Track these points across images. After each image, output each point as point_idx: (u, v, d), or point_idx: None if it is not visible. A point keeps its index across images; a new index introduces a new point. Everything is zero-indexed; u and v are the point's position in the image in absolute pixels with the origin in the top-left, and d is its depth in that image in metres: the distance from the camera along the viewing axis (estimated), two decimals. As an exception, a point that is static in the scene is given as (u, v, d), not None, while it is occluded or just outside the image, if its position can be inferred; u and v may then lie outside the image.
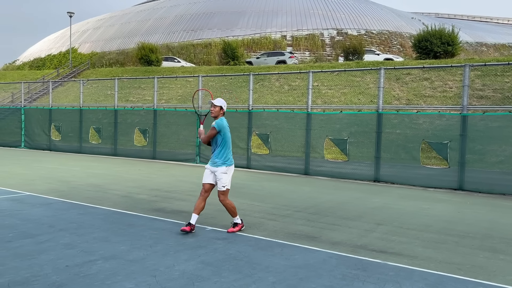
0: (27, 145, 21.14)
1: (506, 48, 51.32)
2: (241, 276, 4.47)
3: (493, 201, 9.89)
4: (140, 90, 29.05)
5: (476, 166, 11.29)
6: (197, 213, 6.09)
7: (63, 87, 33.95)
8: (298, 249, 5.50)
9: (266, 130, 14.43)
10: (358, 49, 31.69)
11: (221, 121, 6.19)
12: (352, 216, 7.58)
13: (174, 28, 45.91)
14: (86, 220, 6.71)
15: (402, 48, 42.54)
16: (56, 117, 20.24)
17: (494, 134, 11.10)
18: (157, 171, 13.58)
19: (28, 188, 9.50)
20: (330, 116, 13.75)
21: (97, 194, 9.00)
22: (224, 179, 6.13)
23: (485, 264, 5.13)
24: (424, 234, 6.41)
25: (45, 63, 49.69)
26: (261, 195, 9.53)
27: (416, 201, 9.38)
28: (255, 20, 44.36)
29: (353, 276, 4.55)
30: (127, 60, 42.15)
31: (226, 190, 6.15)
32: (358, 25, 44.27)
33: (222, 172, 6.13)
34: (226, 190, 6.16)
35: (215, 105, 6.24)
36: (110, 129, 18.46)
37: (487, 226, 7.17)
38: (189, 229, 6.01)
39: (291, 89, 24.65)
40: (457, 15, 68.40)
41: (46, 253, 5.02)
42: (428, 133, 12.05)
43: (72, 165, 14.43)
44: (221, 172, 6.12)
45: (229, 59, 35.11)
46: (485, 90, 20.37)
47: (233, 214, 6.27)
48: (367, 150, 12.79)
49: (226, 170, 6.16)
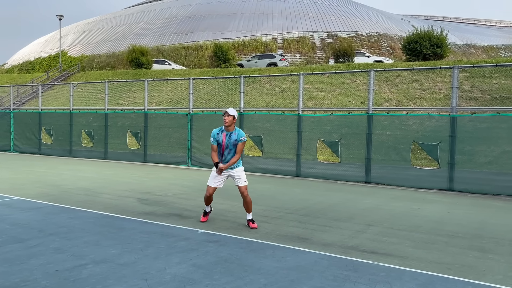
0: (17, 149, 20.95)
1: (494, 50, 51.93)
2: (232, 278, 4.47)
3: (483, 201, 9.98)
4: (131, 93, 28.93)
5: (465, 167, 11.39)
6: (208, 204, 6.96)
7: (52, 91, 33.70)
8: (290, 250, 5.51)
9: (257, 132, 14.43)
10: (348, 51, 31.88)
11: (242, 132, 6.67)
12: (343, 217, 7.61)
13: (164, 31, 45.82)
14: (76, 224, 6.66)
15: (392, 50, 42.86)
16: (46, 120, 20.08)
17: (482, 135, 11.21)
18: (148, 174, 13.52)
19: (18, 192, 9.41)
20: (321, 118, 13.80)
21: (88, 198, 8.94)
22: (244, 176, 6.79)
23: (475, 263, 5.18)
24: (414, 235, 6.46)
25: (35, 66, 49.29)
26: (253, 198, 9.45)
27: (406, 202, 9.44)
28: (246, 22, 44.43)
29: (344, 277, 4.57)
30: (118, 63, 41.97)
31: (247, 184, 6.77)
32: (348, 27, 44.53)
33: (242, 170, 6.79)
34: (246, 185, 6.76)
35: (230, 114, 6.47)
36: (101, 132, 18.36)
37: (476, 226, 7.24)
38: (206, 218, 6.96)
39: (282, 91, 24.71)
40: (445, 17, 69.11)
41: (36, 257, 4.98)
42: (418, 134, 12.14)
43: (62, 169, 14.32)
44: (241, 171, 6.75)
45: (220, 61, 35.09)
46: (474, 91, 20.58)
47: (250, 210, 6.75)
48: (357, 151, 12.85)
49: (242, 169, 6.86)
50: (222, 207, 8.23)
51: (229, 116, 6.41)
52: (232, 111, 6.48)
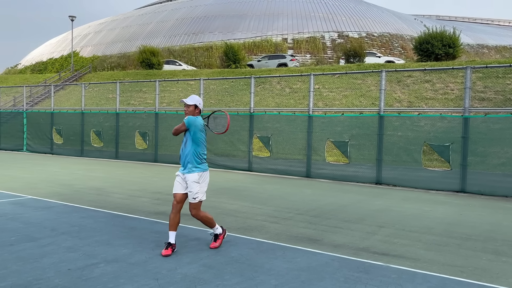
0: (29, 149, 21.18)
1: (508, 50, 51.29)
2: (243, 279, 4.46)
3: (495, 203, 9.86)
4: (142, 93, 29.09)
5: (478, 168, 11.27)
6: (175, 230, 5.28)
7: (64, 91, 34.03)
8: (300, 252, 5.49)
9: (267, 133, 14.43)
10: (359, 52, 31.75)
11: (193, 118, 5.25)
12: (354, 218, 7.57)
13: (175, 32, 46.02)
14: (88, 223, 6.71)
15: (403, 51, 42.56)
16: (58, 120, 20.28)
17: (495, 136, 11.08)
18: (159, 174, 13.58)
19: (31, 191, 9.51)
20: (331, 119, 13.75)
21: (99, 198, 9.01)
22: (195, 189, 5.23)
23: (488, 266, 5.12)
24: (426, 237, 6.40)
25: (47, 67, 49.83)
26: (263, 198, 9.52)
27: (418, 204, 9.36)
28: (256, 23, 44.45)
29: (356, 278, 4.55)
30: (129, 64, 42.25)
31: (197, 203, 5.29)
32: (359, 27, 44.32)
33: (196, 179, 5.24)
34: (198, 203, 5.30)
35: (188, 104, 5.32)
36: (111, 132, 18.49)
37: (489, 228, 7.16)
38: (170, 251, 5.17)
39: (292, 91, 24.67)
40: (458, 17, 68.45)
41: (49, 256, 5.02)
42: (429, 135, 12.04)
43: (74, 169, 14.45)
44: (192, 181, 5.23)
45: (231, 62, 35.16)
46: (487, 92, 20.36)
47: (211, 225, 5.46)
48: (368, 152, 12.78)
49: (198, 178, 5.26)
50: (232, 207, 8.23)
51: (189, 106, 5.31)
52: (190, 99, 5.35)
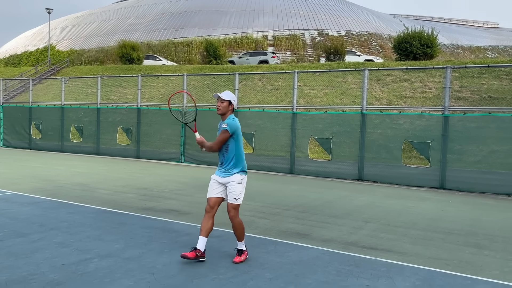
0: (6, 144, 20.72)
1: (481, 51, 52.64)
2: (238, 273, 4.54)
3: (474, 199, 10.19)
4: (121, 88, 28.74)
5: (456, 166, 11.61)
6: (205, 235, 4.84)
7: (41, 85, 33.31)
8: (291, 246, 5.60)
9: (250, 129, 14.50)
10: (339, 50, 32.06)
11: (233, 121, 4.89)
12: (340, 214, 7.73)
13: (155, 26, 45.54)
14: (76, 219, 6.67)
15: (381, 49, 43.18)
16: (36, 115, 19.88)
17: (472, 135, 11.44)
18: (142, 170, 13.51)
19: (13, 187, 9.35)
20: (314, 116, 13.92)
21: (85, 193, 8.93)
22: (238, 189, 4.95)
23: (471, 259, 5.33)
24: (411, 231, 6.60)
25: (22, 60, 48.62)
26: (250, 194, 9.56)
27: (400, 200, 9.61)
28: (236, 19, 44.37)
29: (347, 272, 4.68)
30: (107, 58, 41.60)
31: (238, 204, 4.97)
32: (338, 26, 44.73)
33: (238, 181, 4.97)
34: (238, 205, 4.98)
35: (223, 99, 4.91)
36: (91, 127, 18.25)
37: (470, 223, 7.42)
38: (193, 255, 4.74)
39: (274, 88, 24.79)
40: (434, 17, 69.68)
41: (41, 252, 4.99)
42: (408, 133, 12.32)
43: (55, 164, 14.23)
44: (235, 182, 4.95)
45: (211, 58, 35.03)
46: (463, 91, 20.89)
47: (240, 238, 5.00)
48: (349, 149, 13.01)
49: (241, 180, 5.01)
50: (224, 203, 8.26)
51: (223, 101, 4.91)
52: (225, 94, 4.94)
